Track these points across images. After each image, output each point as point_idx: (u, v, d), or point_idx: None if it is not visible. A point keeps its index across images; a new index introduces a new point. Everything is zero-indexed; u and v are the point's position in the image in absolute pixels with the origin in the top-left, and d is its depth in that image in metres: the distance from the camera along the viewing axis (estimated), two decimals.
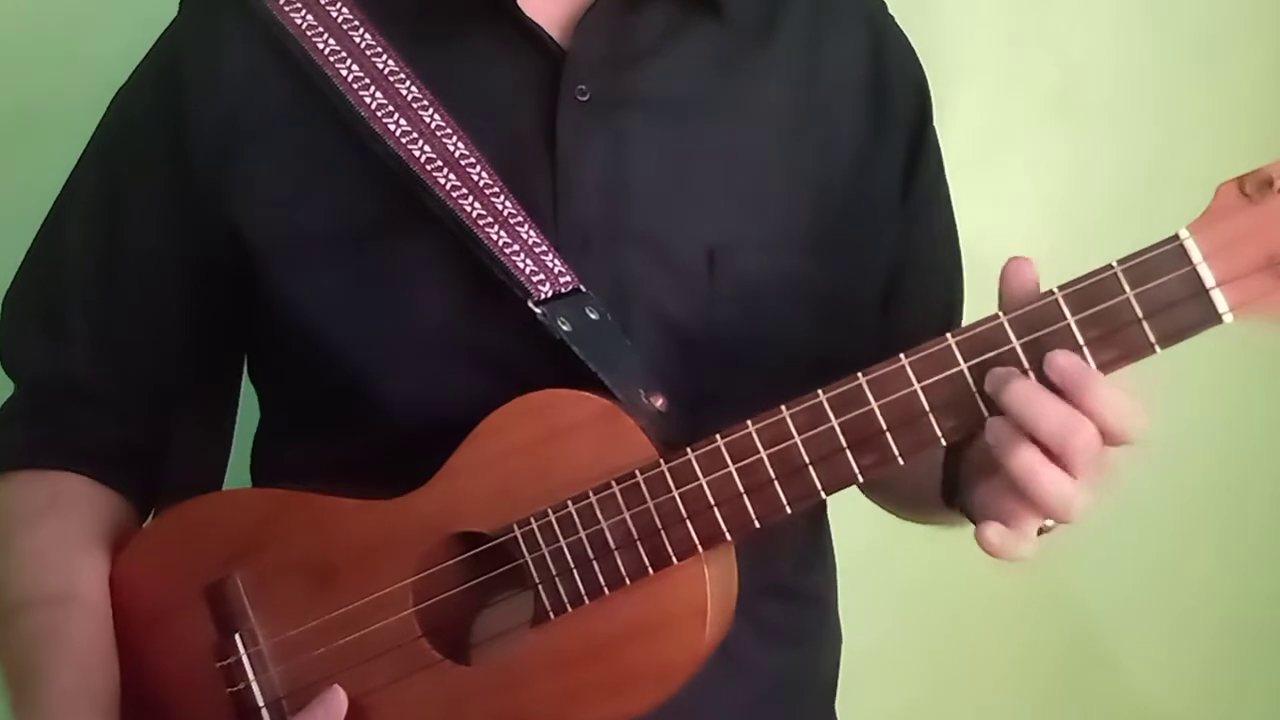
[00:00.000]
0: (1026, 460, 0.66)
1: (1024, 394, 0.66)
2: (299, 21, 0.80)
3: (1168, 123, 1.26)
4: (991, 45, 1.27)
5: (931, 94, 0.92)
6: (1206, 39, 1.29)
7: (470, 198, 0.77)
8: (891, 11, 0.92)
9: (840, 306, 0.85)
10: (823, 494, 0.71)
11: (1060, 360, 0.66)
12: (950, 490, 0.77)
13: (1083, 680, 1.42)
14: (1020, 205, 1.29)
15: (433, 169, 0.77)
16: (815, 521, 0.92)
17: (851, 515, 0.93)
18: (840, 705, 0.95)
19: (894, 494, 0.94)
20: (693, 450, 0.72)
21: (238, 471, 0.92)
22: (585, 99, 0.80)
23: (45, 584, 0.82)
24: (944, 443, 0.69)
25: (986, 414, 0.68)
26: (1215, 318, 0.65)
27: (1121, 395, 0.66)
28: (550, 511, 0.73)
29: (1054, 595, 1.40)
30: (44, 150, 0.93)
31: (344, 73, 0.79)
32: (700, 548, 0.72)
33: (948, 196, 0.95)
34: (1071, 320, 0.67)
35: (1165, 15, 1.29)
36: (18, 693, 0.80)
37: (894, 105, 0.88)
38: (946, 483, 0.78)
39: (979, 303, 0.76)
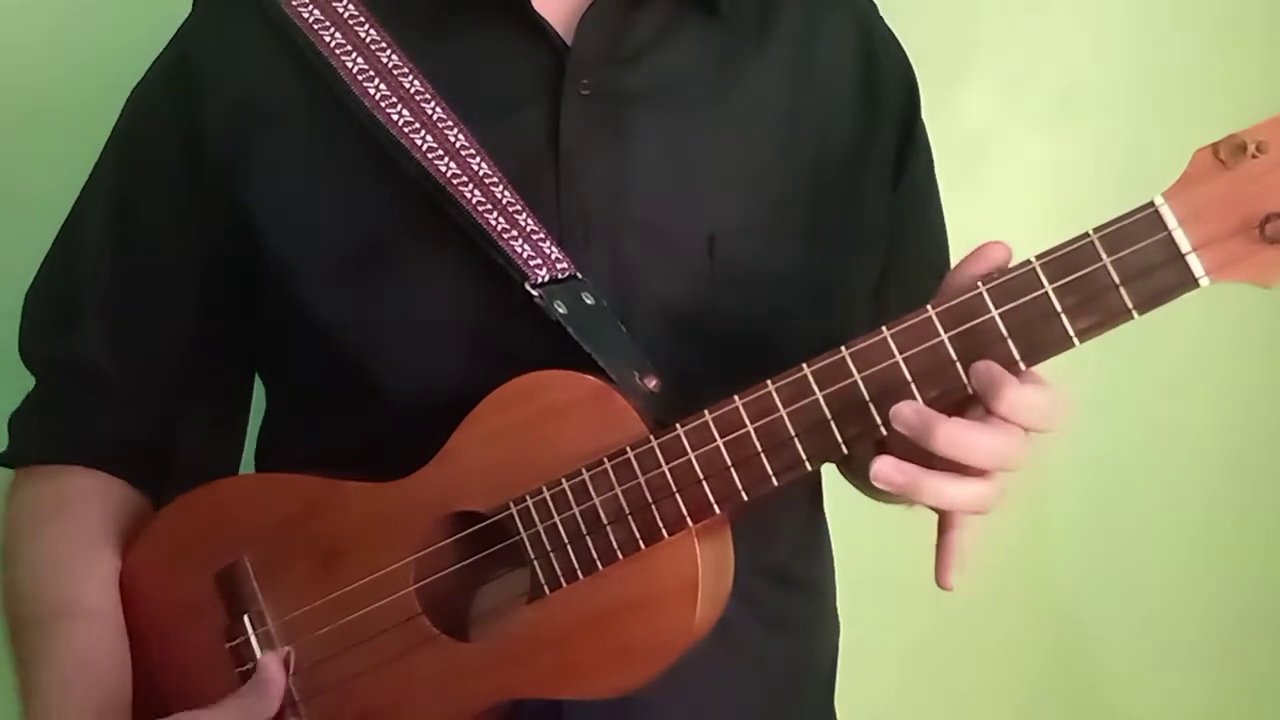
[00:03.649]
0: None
1: (950, 436, 0.67)
2: (306, 16, 0.83)
3: (1167, 123, 1.26)
4: (992, 46, 1.29)
5: (931, 93, 0.93)
6: (1206, 39, 1.29)
7: (470, 185, 0.79)
8: (894, 12, 0.94)
9: (833, 293, 0.86)
10: (808, 465, 0.72)
11: (977, 369, 0.67)
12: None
13: (1071, 673, 1.41)
14: (1020, 205, 1.29)
15: (434, 157, 0.79)
16: (812, 509, 0.93)
17: (850, 510, 0.94)
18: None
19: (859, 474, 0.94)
20: (682, 426, 0.73)
21: (243, 458, 0.94)
22: (587, 94, 0.82)
23: (51, 596, 0.83)
24: None
25: (967, 382, 0.69)
26: (1192, 281, 0.66)
27: (1038, 393, 0.67)
28: (545, 489, 0.75)
29: (1043, 591, 1.40)
30: (56, 149, 0.97)
31: (349, 65, 0.81)
32: (689, 520, 0.73)
33: (936, 191, 0.97)
34: (1049, 288, 0.67)
35: (1165, 16, 1.29)
36: (29, 706, 0.81)
37: (885, 100, 0.90)
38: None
39: None
